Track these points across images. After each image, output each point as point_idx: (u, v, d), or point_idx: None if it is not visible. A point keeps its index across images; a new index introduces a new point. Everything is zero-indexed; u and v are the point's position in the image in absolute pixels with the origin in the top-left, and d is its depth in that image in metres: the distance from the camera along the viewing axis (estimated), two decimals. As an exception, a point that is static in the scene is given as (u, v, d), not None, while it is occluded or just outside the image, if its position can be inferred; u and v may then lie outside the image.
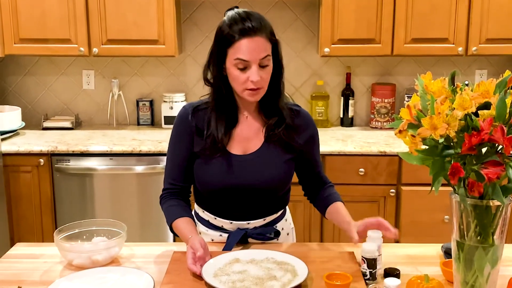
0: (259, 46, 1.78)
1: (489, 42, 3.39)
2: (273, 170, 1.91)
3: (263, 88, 1.84)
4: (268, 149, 1.91)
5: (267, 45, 1.81)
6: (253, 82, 1.79)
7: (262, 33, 1.79)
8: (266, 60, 1.80)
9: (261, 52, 1.78)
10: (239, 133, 1.93)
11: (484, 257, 1.39)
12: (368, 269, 1.67)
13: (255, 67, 1.78)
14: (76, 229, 1.93)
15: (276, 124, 1.91)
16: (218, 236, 1.99)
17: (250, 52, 1.77)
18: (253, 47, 1.77)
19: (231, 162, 1.90)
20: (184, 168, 1.95)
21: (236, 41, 1.78)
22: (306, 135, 1.96)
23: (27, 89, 3.87)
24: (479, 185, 1.29)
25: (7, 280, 1.73)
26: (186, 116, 1.94)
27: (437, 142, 1.33)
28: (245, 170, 1.89)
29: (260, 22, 1.80)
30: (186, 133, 1.93)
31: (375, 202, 3.29)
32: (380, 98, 3.69)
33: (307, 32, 3.76)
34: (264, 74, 1.81)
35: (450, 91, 1.36)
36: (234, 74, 1.81)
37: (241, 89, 1.83)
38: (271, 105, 1.92)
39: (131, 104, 3.86)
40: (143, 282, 1.66)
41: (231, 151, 1.91)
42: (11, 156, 3.27)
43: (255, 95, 1.83)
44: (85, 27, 3.41)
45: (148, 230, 3.32)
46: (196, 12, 3.74)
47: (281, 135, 1.90)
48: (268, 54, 1.81)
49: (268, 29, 1.83)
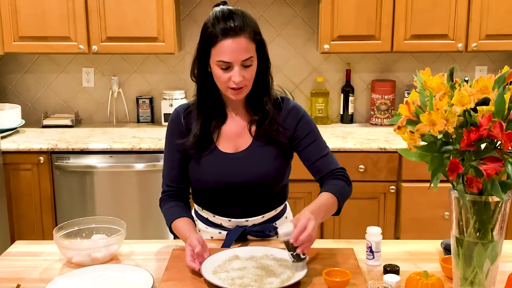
0: (241, 47, 1.77)
1: (489, 38, 3.38)
2: (265, 166, 1.90)
3: (247, 86, 1.83)
4: (258, 146, 1.91)
5: (250, 45, 1.79)
6: (235, 82, 1.79)
7: (245, 33, 1.77)
8: (248, 61, 1.79)
9: (242, 53, 1.77)
10: (227, 131, 1.93)
11: (484, 253, 1.39)
12: (289, 252, 1.66)
13: (237, 67, 1.78)
14: (75, 226, 1.94)
15: (261, 121, 1.90)
16: (217, 233, 1.99)
17: (232, 53, 1.76)
18: (235, 48, 1.76)
19: (223, 160, 1.90)
20: (180, 169, 1.96)
21: (219, 42, 1.77)
22: (293, 124, 1.92)
23: (27, 87, 3.87)
24: (478, 181, 1.28)
25: (7, 278, 1.73)
26: (179, 119, 1.95)
27: (436, 138, 1.33)
28: (237, 168, 1.89)
29: (243, 22, 1.78)
30: (179, 134, 1.93)
31: (375, 199, 3.29)
32: (380, 95, 3.69)
33: (306, 29, 3.75)
34: (247, 74, 1.80)
35: (448, 87, 1.35)
36: (216, 73, 1.81)
37: (224, 87, 1.83)
38: (257, 101, 1.91)
39: (131, 101, 3.86)
40: (142, 280, 1.66)
41: (222, 149, 1.91)
42: (11, 154, 3.27)
43: (238, 94, 1.83)
44: (85, 24, 3.41)
45: (148, 228, 3.32)
46: (195, 9, 3.73)
47: (266, 131, 1.89)
48: (251, 56, 1.79)
49: (251, 28, 1.80)
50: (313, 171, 1.94)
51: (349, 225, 3.31)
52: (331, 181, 1.90)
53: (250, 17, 1.83)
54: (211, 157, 1.90)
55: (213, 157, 1.90)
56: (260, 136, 1.90)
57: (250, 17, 1.83)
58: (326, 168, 1.92)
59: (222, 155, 1.91)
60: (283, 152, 1.93)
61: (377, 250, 1.75)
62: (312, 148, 1.92)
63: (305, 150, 1.93)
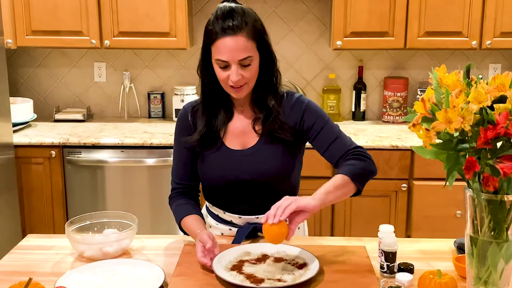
0: (239, 46, 1.75)
1: (504, 35, 3.35)
2: (272, 163, 1.89)
3: (247, 85, 1.82)
4: (265, 143, 1.90)
5: (249, 43, 1.77)
6: (232, 81, 1.78)
7: (243, 32, 1.75)
8: (247, 61, 1.77)
9: (240, 52, 1.76)
10: (234, 127, 1.92)
11: (498, 252, 1.37)
12: (385, 262, 1.66)
13: (235, 66, 1.76)
14: (87, 221, 1.94)
15: (266, 118, 1.88)
16: (227, 230, 1.99)
17: (229, 52, 1.75)
18: (232, 47, 1.75)
19: (230, 157, 1.90)
20: (189, 167, 1.96)
21: (217, 40, 1.76)
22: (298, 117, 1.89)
23: (39, 81, 3.88)
24: (494, 179, 1.27)
25: (19, 271, 1.73)
26: (186, 117, 1.95)
27: (452, 136, 1.32)
28: (244, 165, 1.89)
29: (242, 20, 1.76)
30: (187, 132, 1.93)
31: (387, 197, 3.28)
32: (392, 92, 3.66)
33: (319, 25, 3.74)
34: (246, 73, 1.79)
35: (465, 84, 1.34)
36: (216, 71, 1.81)
37: (224, 85, 1.83)
38: (262, 99, 1.89)
39: (142, 96, 3.86)
40: (153, 274, 1.66)
41: (229, 145, 1.91)
42: (23, 148, 3.29)
43: (238, 92, 1.83)
44: (97, 19, 3.41)
45: (159, 223, 3.32)
46: (208, 4, 3.72)
47: (270, 130, 1.87)
48: (249, 55, 1.77)
49: (251, 26, 1.77)
50: (328, 157, 1.89)
51: (360, 223, 3.29)
52: (343, 163, 1.83)
53: (252, 15, 1.80)
54: (218, 154, 1.90)
55: (220, 154, 1.90)
56: (266, 134, 1.89)
57: (253, 14, 1.81)
58: (340, 150, 1.86)
59: (229, 151, 1.90)
60: (290, 149, 1.91)
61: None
62: (322, 134, 1.88)
63: (316, 139, 1.89)
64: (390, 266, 1.66)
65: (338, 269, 1.68)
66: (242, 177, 1.89)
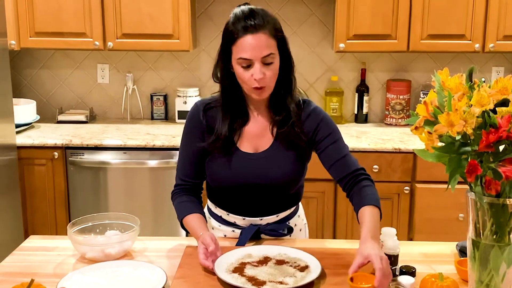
0: (261, 43, 1.76)
1: (507, 39, 3.35)
2: (284, 168, 1.89)
3: (268, 86, 1.82)
4: (278, 147, 1.90)
5: (271, 41, 1.78)
6: (256, 80, 1.77)
7: (265, 30, 1.77)
8: (269, 58, 1.78)
9: (263, 49, 1.76)
10: (249, 131, 1.92)
11: (500, 256, 1.37)
12: None
13: (258, 64, 1.77)
14: (89, 222, 1.94)
15: (283, 122, 1.88)
16: (230, 231, 1.99)
17: (252, 49, 1.76)
18: (255, 44, 1.76)
19: (242, 160, 1.89)
20: (195, 165, 1.95)
21: (239, 38, 1.77)
22: (312, 127, 1.91)
23: (42, 82, 3.89)
24: (496, 183, 1.27)
25: (21, 272, 1.73)
26: (198, 114, 1.93)
27: (454, 139, 1.32)
28: (256, 168, 1.88)
29: (263, 19, 1.78)
30: (197, 130, 1.93)
31: (389, 199, 3.27)
32: (395, 95, 3.66)
33: (322, 28, 3.74)
34: (269, 72, 1.79)
35: (467, 87, 1.34)
36: (238, 72, 1.80)
37: (246, 87, 1.82)
38: (280, 102, 1.89)
39: (145, 98, 3.87)
40: (155, 276, 1.66)
41: (242, 148, 1.90)
42: (26, 149, 3.29)
43: (261, 93, 1.82)
44: (100, 21, 3.42)
45: (161, 224, 3.33)
46: (211, 6, 3.73)
47: (287, 133, 1.87)
48: (271, 52, 1.78)
49: (272, 25, 1.80)
50: (332, 172, 1.91)
51: (362, 225, 3.29)
52: (363, 190, 1.85)
53: (271, 15, 1.83)
54: (231, 157, 1.89)
55: (233, 157, 1.89)
56: (281, 138, 1.89)
57: (271, 15, 1.83)
58: (347, 169, 1.88)
59: (242, 155, 1.90)
60: (302, 155, 1.92)
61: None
62: (332, 149, 1.90)
63: (325, 152, 1.90)
64: (392, 269, 1.65)
65: (340, 271, 1.68)
66: (253, 180, 1.88)
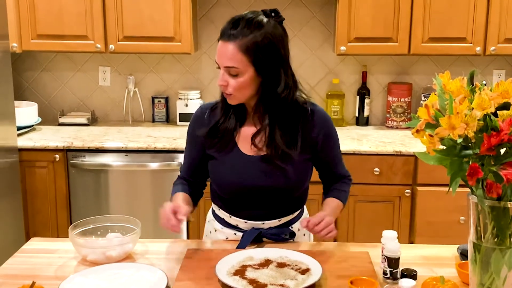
0: (226, 53, 1.77)
1: (508, 42, 3.35)
2: (286, 172, 1.88)
3: (234, 95, 1.82)
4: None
5: (239, 56, 1.75)
6: (218, 83, 1.82)
7: (236, 42, 1.75)
8: (232, 70, 1.78)
9: (225, 60, 1.78)
10: (246, 131, 1.92)
11: (501, 259, 1.37)
12: (388, 268, 1.65)
13: (222, 71, 1.81)
14: (90, 224, 1.94)
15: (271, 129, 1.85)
16: (232, 234, 1.99)
17: (219, 55, 1.81)
18: (221, 52, 1.79)
19: (245, 162, 1.89)
20: (197, 168, 2.01)
21: (218, 40, 1.82)
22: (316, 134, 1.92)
23: (44, 85, 3.89)
24: (498, 186, 1.27)
25: (22, 275, 1.74)
26: (203, 114, 1.95)
27: (455, 142, 1.32)
28: (258, 171, 1.88)
29: (241, 31, 1.75)
30: (200, 133, 1.93)
31: (390, 202, 3.27)
32: (396, 98, 3.66)
33: (323, 30, 3.74)
34: (232, 82, 1.79)
35: (469, 90, 1.34)
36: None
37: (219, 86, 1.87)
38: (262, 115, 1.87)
39: (147, 101, 3.87)
40: (156, 279, 1.66)
41: (244, 150, 1.90)
42: (27, 152, 3.30)
43: (229, 99, 1.85)
44: (102, 23, 3.43)
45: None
46: (212, 9, 3.73)
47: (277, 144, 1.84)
48: (234, 66, 1.76)
49: (249, 41, 1.75)
50: (323, 177, 2.07)
51: (363, 228, 3.29)
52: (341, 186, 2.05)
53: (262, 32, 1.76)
54: (231, 156, 1.90)
55: (235, 158, 1.90)
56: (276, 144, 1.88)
57: (265, 32, 1.77)
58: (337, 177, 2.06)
59: (243, 156, 1.90)
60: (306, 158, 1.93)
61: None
62: (329, 162, 2.02)
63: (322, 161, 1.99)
64: (393, 272, 1.65)
65: (341, 274, 1.68)
66: (256, 184, 1.89)
